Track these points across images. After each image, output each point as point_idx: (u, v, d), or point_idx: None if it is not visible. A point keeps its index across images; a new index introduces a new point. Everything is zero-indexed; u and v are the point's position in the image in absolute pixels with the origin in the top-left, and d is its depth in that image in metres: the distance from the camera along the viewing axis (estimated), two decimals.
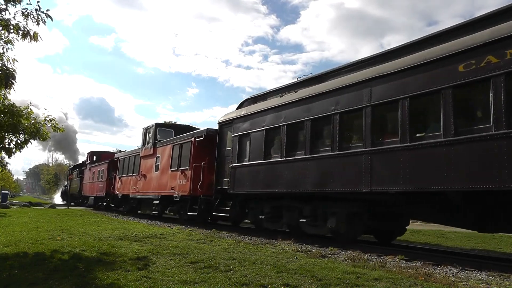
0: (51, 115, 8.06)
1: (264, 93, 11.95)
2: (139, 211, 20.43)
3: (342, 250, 8.00)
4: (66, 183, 40.30)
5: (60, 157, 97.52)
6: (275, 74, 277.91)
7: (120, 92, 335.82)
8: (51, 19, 6.73)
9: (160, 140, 17.27)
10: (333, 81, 9.16)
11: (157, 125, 17.93)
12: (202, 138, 13.57)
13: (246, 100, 12.58)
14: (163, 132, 17.78)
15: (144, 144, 18.69)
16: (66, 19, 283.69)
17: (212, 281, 4.70)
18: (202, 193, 13.06)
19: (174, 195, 14.61)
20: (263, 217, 10.93)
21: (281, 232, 10.84)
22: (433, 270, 6.03)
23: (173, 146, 15.53)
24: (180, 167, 14.58)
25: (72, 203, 33.78)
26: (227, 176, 11.94)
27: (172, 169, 15.23)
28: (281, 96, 10.51)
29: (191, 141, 14.04)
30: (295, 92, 10.08)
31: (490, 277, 5.56)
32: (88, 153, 30.47)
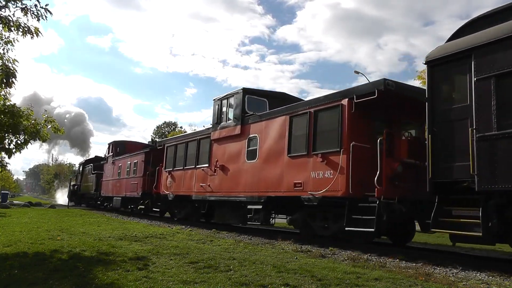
0: (51, 116, 8.08)
1: None
2: (202, 219, 14.62)
3: (342, 250, 8.00)
4: (73, 182, 35.84)
5: (60, 156, 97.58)
6: (272, 74, 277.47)
7: (118, 92, 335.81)
8: (51, 13, 6.76)
9: (252, 114, 11.85)
10: None
11: (246, 91, 12.39)
12: (369, 98, 8.19)
13: (473, 22, 7.00)
14: (252, 103, 12.45)
15: (218, 121, 13.13)
16: (64, 19, 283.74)
17: (212, 281, 4.71)
18: (383, 194, 7.72)
19: (305, 197, 9.23)
20: None
21: (281, 232, 10.73)
22: (433, 270, 6.04)
23: (290, 117, 10.18)
24: (314, 151, 9.20)
25: (83, 205, 31.15)
26: (462, 158, 6.55)
27: (292, 155, 9.87)
28: None
29: (341, 105, 8.73)
30: None
31: (490, 277, 5.57)
32: (110, 144, 25.15)
